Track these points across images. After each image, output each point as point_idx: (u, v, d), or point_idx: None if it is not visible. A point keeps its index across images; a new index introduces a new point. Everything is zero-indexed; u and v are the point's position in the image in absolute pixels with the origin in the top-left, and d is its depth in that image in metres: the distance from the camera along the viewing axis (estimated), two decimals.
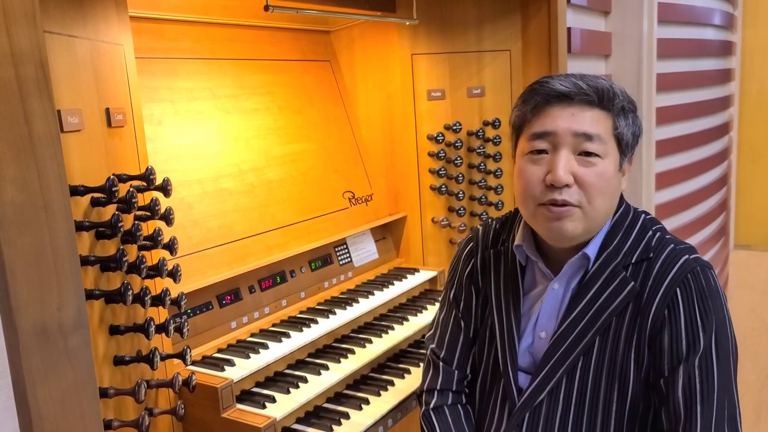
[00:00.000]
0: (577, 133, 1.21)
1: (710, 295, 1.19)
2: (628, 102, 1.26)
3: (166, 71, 1.96)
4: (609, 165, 1.23)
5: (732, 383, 1.20)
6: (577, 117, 1.22)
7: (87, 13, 1.36)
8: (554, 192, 1.21)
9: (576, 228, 1.24)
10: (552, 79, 1.25)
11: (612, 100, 1.23)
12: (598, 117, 1.23)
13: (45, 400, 0.96)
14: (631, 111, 1.27)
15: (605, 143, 1.22)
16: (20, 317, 0.92)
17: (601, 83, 1.24)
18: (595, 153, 1.22)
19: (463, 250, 1.53)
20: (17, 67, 0.90)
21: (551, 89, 1.24)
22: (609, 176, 1.23)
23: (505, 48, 2.49)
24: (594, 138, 1.21)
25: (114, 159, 1.42)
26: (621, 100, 1.25)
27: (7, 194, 0.90)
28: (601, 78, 1.27)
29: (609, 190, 1.24)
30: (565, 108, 1.23)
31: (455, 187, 2.52)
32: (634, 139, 1.28)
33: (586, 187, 1.21)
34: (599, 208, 1.24)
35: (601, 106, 1.23)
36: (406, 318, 2.18)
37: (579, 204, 1.22)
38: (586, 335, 1.26)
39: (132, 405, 1.44)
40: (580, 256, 1.28)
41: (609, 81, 1.27)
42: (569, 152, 1.22)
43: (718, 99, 4.38)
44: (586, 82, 1.23)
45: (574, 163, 1.22)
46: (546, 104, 1.25)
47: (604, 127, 1.23)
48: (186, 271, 1.67)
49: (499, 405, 1.38)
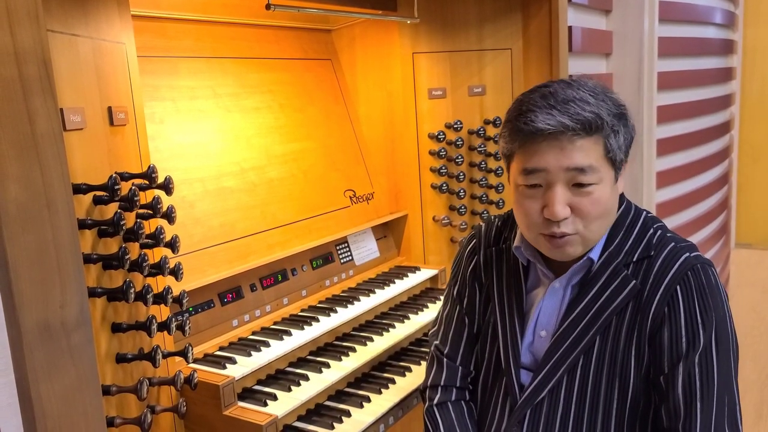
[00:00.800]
0: (568, 168, 1.17)
1: (710, 292, 1.20)
2: (617, 117, 1.20)
3: (167, 70, 1.96)
4: (605, 189, 1.21)
5: (732, 380, 1.20)
6: (566, 151, 1.17)
7: (89, 12, 1.36)
8: (552, 225, 1.21)
9: (576, 250, 1.25)
10: (536, 114, 1.17)
11: (600, 127, 1.17)
12: (588, 146, 1.17)
13: (48, 397, 0.96)
14: (621, 121, 1.21)
15: (598, 171, 1.18)
16: (23, 314, 0.93)
17: (586, 114, 1.16)
18: (590, 183, 1.19)
19: (466, 247, 1.54)
20: (20, 66, 0.91)
21: (535, 128, 1.17)
22: (606, 199, 1.21)
23: (506, 47, 2.49)
24: (587, 170, 1.17)
25: (116, 157, 1.43)
26: (609, 122, 1.18)
27: (11, 192, 0.90)
28: (585, 100, 1.17)
29: (606, 210, 1.23)
30: (552, 143, 1.17)
31: (456, 186, 2.52)
32: (629, 144, 1.24)
33: (583, 216, 1.20)
34: (598, 229, 1.24)
35: (590, 134, 1.17)
36: (407, 316, 2.18)
37: (577, 232, 1.22)
38: (587, 334, 1.26)
39: (134, 402, 1.44)
40: (585, 260, 1.28)
41: (595, 100, 1.18)
42: (563, 186, 1.19)
43: (718, 98, 4.38)
44: (570, 115, 1.15)
45: (568, 195, 1.19)
46: (533, 143, 1.19)
47: (596, 155, 1.18)
48: (188, 269, 1.68)
49: (501, 402, 1.38)
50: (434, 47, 2.47)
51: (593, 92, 1.20)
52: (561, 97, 1.18)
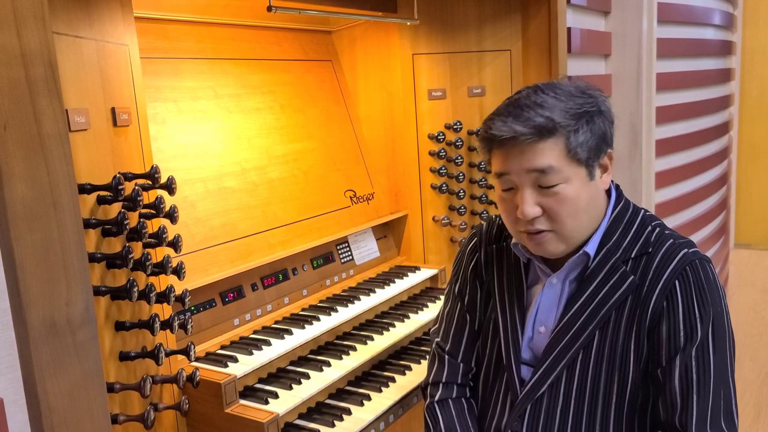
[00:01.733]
0: (529, 170, 1.22)
1: (708, 288, 1.22)
2: (577, 117, 1.21)
3: (169, 71, 1.98)
4: (572, 187, 1.23)
5: (729, 374, 1.22)
6: (526, 154, 1.22)
7: (93, 14, 1.38)
8: (527, 224, 1.26)
9: (557, 247, 1.28)
10: (494, 122, 1.23)
11: (553, 130, 1.20)
12: (546, 148, 1.21)
13: (54, 393, 0.98)
14: (583, 120, 1.22)
15: (560, 170, 1.21)
16: (30, 312, 0.94)
17: (538, 119, 1.19)
18: (553, 183, 1.22)
19: (467, 245, 1.56)
20: (27, 68, 0.92)
21: (492, 135, 1.24)
22: (575, 197, 1.23)
23: (506, 48, 2.51)
24: (547, 171, 1.21)
25: (119, 158, 1.44)
26: (565, 124, 1.20)
27: (18, 191, 0.92)
28: (539, 105, 1.21)
29: (579, 207, 1.24)
30: (512, 148, 1.23)
31: (456, 186, 2.54)
32: (599, 142, 1.25)
33: (552, 215, 1.24)
34: (573, 227, 1.26)
35: (546, 137, 1.21)
36: (407, 315, 2.20)
37: (551, 229, 1.25)
38: (586, 329, 1.28)
39: (137, 400, 1.46)
40: (580, 254, 1.30)
41: (550, 103, 1.21)
42: (530, 188, 1.24)
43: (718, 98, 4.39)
44: (522, 121, 1.20)
45: (537, 195, 1.24)
46: (496, 148, 1.26)
47: (556, 156, 1.21)
48: (190, 269, 1.69)
49: (502, 397, 1.40)
50: (434, 48, 2.48)
51: (559, 95, 1.23)
52: (522, 103, 1.23)
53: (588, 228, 1.29)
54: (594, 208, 1.29)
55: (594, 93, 1.28)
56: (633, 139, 3.29)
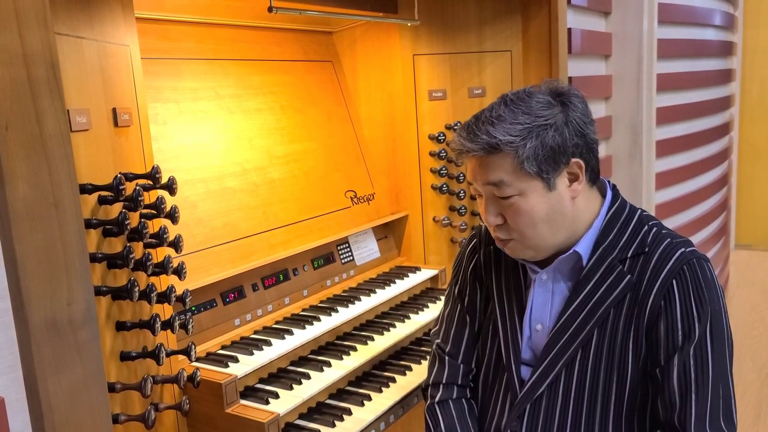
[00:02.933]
0: (485, 183, 1.28)
1: (706, 286, 1.22)
2: (524, 131, 1.22)
3: (170, 71, 1.98)
4: (526, 199, 1.25)
5: (727, 372, 1.22)
6: (481, 167, 1.28)
7: (94, 15, 1.38)
8: (494, 230, 1.33)
9: (525, 253, 1.33)
10: (457, 135, 1.30)
11: (497, 146, 1.22)
12: (496, 163, 1.25)
13: (55, 392, 0.98)
14: (535, 131, 1.22)
15: (512, 183, 1.24)
16: (31, 312, 0.94)
17: (484, 137, 1.23)
18: (508, 195, 1.26)
19: (467, 247, 1.56)
20: (29, 68, 0.93)
21: (453, 148, 1.32)
22: (530, 209, 1.25)
23: (506, 48, 2.51)
24: (498, 184, 1.26)
25: (121, 158, 1.44)
26: (508, 141, 1.21)
27: (19, 191, 0.92)
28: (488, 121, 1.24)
29: (534, 220, 1.26)
30: (472, 160, 1.30)
31: (456, 187, 2.54)
32: (554, 152, 1.23)
33: (511, 224, 1.29)
34: (534, 236, 1.28)
35: (493, 153, 1.24)
36: (407, 316, 2.20)
37: (512, 238, 1.30)
38: (584, 328, 1.28)
39: (138, 400, 1.46)
40: (571, 253, 1.31)
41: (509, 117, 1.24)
42: (491, 198, 1.30)
43: (718, 99, 4.39)
44: (472, 138, 1.25)
45: (497, 206, 1.29)
46: (464, 157, 1.32)
47: (506, 170, 1.24)
48: (191, 269, 1.69)
49: (502, 398, 1.40)
50: (434, 49, 2.48)
51: (517, 109, 1.25)
52: (481, 118, 1.27)
53: (556, 236, 1.29)
54: (559, 218, 1.28)
55: (567, 99, 1.27)
56: (633, 139, 3.29)
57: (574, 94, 1.29)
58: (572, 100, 1.28)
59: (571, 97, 1.28)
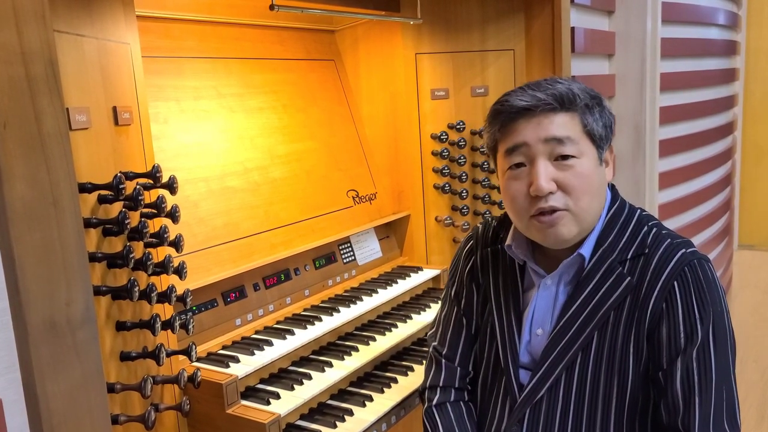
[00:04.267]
0: (547, 139, 1.23)
1: (708, 287, 1.20)
2: (591, 98, 1.27)
3: (172, 70, 1.97)
4: (587, 163, 1.24)
5: (730, 374, 1.21)
6: (543, 125, 1.23)
7: (94, 12, 1.37)
8: (540, 201, 1.24)
9: (570, 231, 1.26)
10: (511, 96, 1.27)
11: (573, 101, 1.24)
12: (564, 120, 1.24)
13: (53, 394, 0.97)
14: (597, 105, 1.27)
15: (577, 143, 1.23)
16: (29, 312, 0.93)
17: (559, 88, 1.25)
18: (570, 155, 1.23)
19: (463, 248, 1.55)
20: (27, 66, 0.92)
21: (512, 106, 1.25)
22: (589, 174, 1.24)
23: (509, 47, 2.50)
24: (565, 141, 1.23)
25: (121, 157, 1.43)
26: (582, 98, 1.25)
27: (17, 191, 0.91)
28: (558, 81, 1.28)
29: (593, 187, 1.25)
30: (530, 119, 1.24)
31: (459, 186, 2.53)
32: (606, 130, 1.29)
33: (569, 190, 1.23)
34: (587, 207, 1.25)
35: (565, 108, 1.24)
36: (409, 316, 2.19)
37: (566, 207, 1.24)
38: (584, 331, 1.27)
39: (138, 400, 1.45)
40: (575, 256, 1.29)
41: (567, 82, 1.27)
42: (545, 160, 1.24)
43: (722, 98, 4.37)
44: (543, 90, 1.24)
45: (552, 170, 1.23)
46: (511, 121, 1.27)
47: (573, 128, 1.24)
48: (191, 269, 1.68)
49: (501, 401, 1.39)
50: (437, 48, 2.47)
51: (572, 82, 1.29)
52: (539, 81, 1.29)
53: (595, 217, 1.28)
54: (602, 195, 1.29)
55: (598, 93, 1.31)
56: (636, 139, 3.28)
57: None
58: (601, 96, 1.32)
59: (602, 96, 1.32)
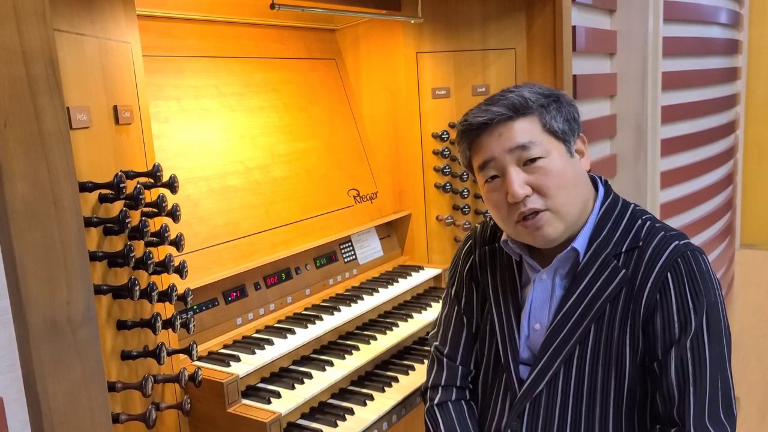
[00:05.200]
0: (512, 149, 1.27)
1: (701, 278, 1.21)
2: (545, 97, 1.30)
3: (172, 69, 1.97)
4: (556, 159, 1.27)
5: (726, 364, 1.21)
6: (505, 135, 1.28)
7: (95, 12, 1.37)
8: (519, 206, 1.27)
9: (556, 229, 1.28)
10: (469, 115, 1.33)
11: (526, 105, 1.28)
12: (522, 126, 1.27)
13: (54, 392, 0.97)
14: (553, 102, 1.30)
15: (540, 144, 1.26)
16: (30, 311, 0.93)
17: (510, 97, 1.29)
18: (537, 157, 1.26)
19: (462, 248, 1.56)
20: (27, 65, 0.92)
21: (472, 124, 1.31)
22: (560, 169, 1.26)
23: (510, 46, 2.49)
24: (528, 145, 1.26)
25: (121, 156, 1.43)
26: (535, 101, 1.28)
27: (18, 190, 0.91)
28: (509, 90, 1.32)
29: (566, 181, 1.27)
30: (491, 133, 1.29)
31: (460, 185, 2.53)
32: (569, 123, 1.31)
33: (543, 190, 1.26)
34: (566, 201, 1.27)
35: (520, 114, 1.28)
36: (410, 315, 2.19)
37: (546, 207, 1.26)
38: (581, 324, 1.28)
39: (139, 399, 1.45)
40: (569, 250, 1.30)
41: (518, 89, 1.31)
42: (515, 167, 1.27)
43: (724, 97, 4.36)
44: (496, 103, 1.29)
45: (524, 175, 1.27)
46: (476, 138, 1.32)
47: (533, 131, 1.27)
48: (192, 268, 1.68)
49: (501, 398, 1.40)
50: (438, 47, 2.47)
51: (524, 86, 1.34)
52: (494, 96, 1.33)
53: (580, 208, 1.30)
54: (582, 185, 1.31)
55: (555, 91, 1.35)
56: (638, 138, 3.27)
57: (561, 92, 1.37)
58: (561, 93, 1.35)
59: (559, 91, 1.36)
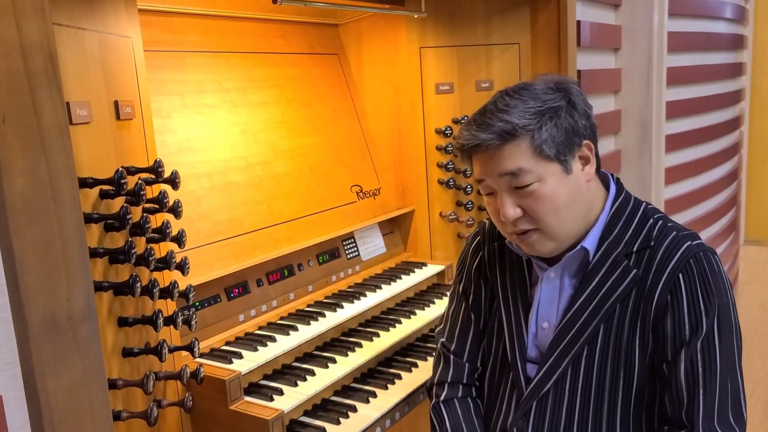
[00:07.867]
0: (501, 174, 1.24)
1: (713, 279, 1.19)
2: (539, 115, 1.21)
3: (174, 64, 1.96)
4: (547, 185, 1.22)
5: (736, 366, 1.20)
6: (494, 159, 1.24)
7: (96, 6, 1.36)
8: (512, 225, 1.27)
9: (546, 246, 1.27)
10: (462, 133, 1.28)
11: (514, 132, 1.20)
12: (511, 152, 1.22)
13: (54, 390, 0.96)
14: (549, 119, 1.22)
15: (530, 170, 1.21)
16: (30, 308, 0.93)
17: (498, 124, 1.21)
18: (527, 183, 1.22)
19: (470, 244, 1.54)
20: (26, 59, 0.91)
21: (463, 145, 1.27)
22: (552, 194, 1.22)
23: (514, 41, 2.47)
24: (517, 173, 1.22)
25: (123, 151, 1.42)
26: (524, 125, 1.20)
27: (17, 185, 0.90)
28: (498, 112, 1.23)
29: (557, 205, 1.23)
30: (482, 155, 1.26)
31: (463, 181, 2.51)
32: (569, 135, 1.23)
33: (533, 214, 1.24)
34: (557, 224, 1.24)
35: (509, 139, 1.21)
36: (413, 312, 2.18)
37: (536, 227, 1.25)
38: (590, 324, 1.26)
39: (141, 396, 1.44)
40: (578, 249, 1.28)
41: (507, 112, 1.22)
42: (507, 191, 1.25)
43: (729, 93, 4.34)
44: (485, 130, 1.22)
45: (515, 197, 1.24)
46: (468, 157, 1.30)
47: (522, 156, 1.21)
48: (194, 264, 1.67)
49: (508, 396, 1.38)
50: (441, 42, 2.45)
51: (523, 96, 1.25)
52: (487, 110, 1.26)
53: (577, 223, 1.27)
54: (579, 202, 1.27)
55: (565, 86, 1.27)
56: (643, 134, 3.25)
57: (571, 81, 1.31)
58: (570, 86, 1.28)
59: (568, 84, 1.29)
